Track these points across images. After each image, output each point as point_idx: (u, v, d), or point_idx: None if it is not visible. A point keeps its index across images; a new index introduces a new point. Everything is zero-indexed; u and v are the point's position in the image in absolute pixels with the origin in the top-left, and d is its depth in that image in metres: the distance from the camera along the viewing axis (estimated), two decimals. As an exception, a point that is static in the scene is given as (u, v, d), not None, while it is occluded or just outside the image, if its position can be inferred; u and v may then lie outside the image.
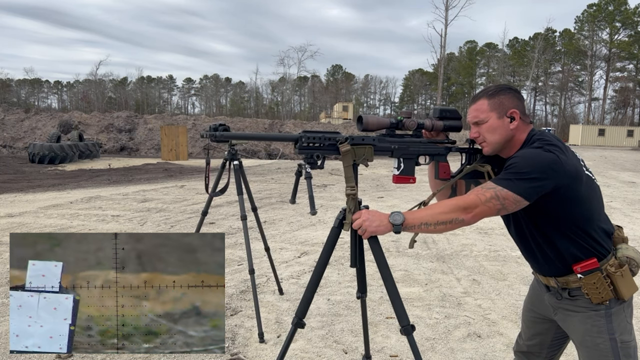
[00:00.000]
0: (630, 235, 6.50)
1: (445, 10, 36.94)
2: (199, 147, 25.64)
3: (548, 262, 1.74)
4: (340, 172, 13.40)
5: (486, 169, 1.81)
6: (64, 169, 16.61)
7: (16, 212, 7.90)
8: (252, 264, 3.32)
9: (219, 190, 3.48)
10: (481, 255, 5.55)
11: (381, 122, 1.79)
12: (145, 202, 9.09)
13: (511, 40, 73.67)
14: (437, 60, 42.81)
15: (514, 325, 3.55)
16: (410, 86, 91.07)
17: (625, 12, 61.63)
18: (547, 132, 1.76)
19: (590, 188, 1.68)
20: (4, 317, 3.61)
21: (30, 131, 26.46)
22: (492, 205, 1.58)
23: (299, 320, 1.82)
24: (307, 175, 1.69)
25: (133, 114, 30.96)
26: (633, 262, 1.67)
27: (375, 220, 1.64)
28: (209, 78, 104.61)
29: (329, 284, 4.44)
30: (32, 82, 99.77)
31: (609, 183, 13.10)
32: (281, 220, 7.48)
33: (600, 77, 67.96)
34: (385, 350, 3.16)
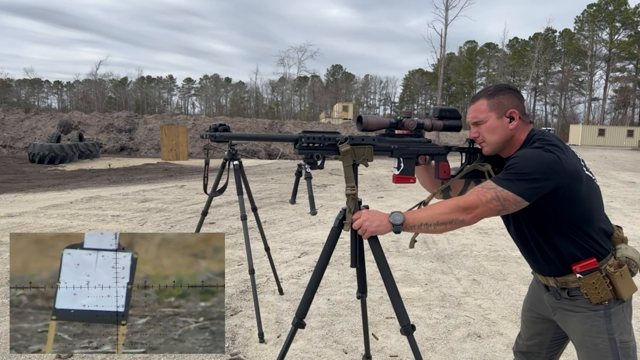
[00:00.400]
0: (630, 235, 6.50)
1: (445, 10, 36.89)
2: (199, 147, 25.64)
3: (547, 262, 1.75)
4: (340, 172, 13.39)
5: (486, 168, 1.81)
6: (64, 169, 16.61)
7: (16, 212, 7.90)
8: (252, 264, 3.32)
9: (218, 190, 3.48)
10: (481, 255, 5.55)
11: (381, 122, 1.79)
12: (145, 202, 9.09)
13: (511, 40, 73.69)
14: (437, 60, 42.80)
15: (514, 325, 3.55)
16: (410, 86, 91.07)
17: (625, 12, 61.63)
18: (547, 132, 1.76)
19: (591, 188, 1.68)
20: (4, 317, 3.61)
21: (30, 131, 26.46)
22: (492, 206, 1.58)
23: (299, 320, 1.82)
24: (307, 176, 1.69)
25: (133, 114, 30.96)
26: (632, 262, 1.67)
27: (376, 220, 1.64)
28: (209, 78, 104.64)
29: (329, 284, 4.44)
30: (32, 82, 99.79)
31: (609, 183, 13.10)
32: (281, 220, 7.48)
33: (600, 77, 68.06)
34: (385, 350, 3.16)
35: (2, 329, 3.40)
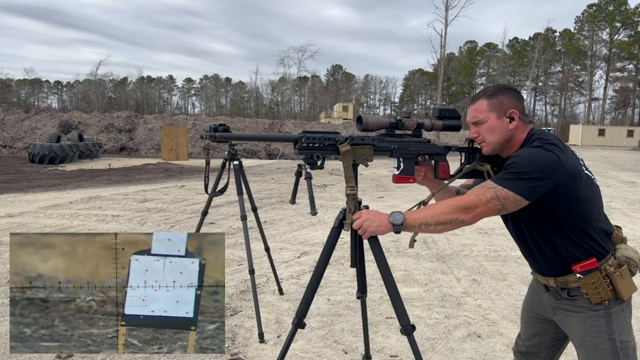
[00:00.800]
0: (630, 235, 6.50)
1: (445, 10, 36.88)
2: (199, 147, 25.64)
3: (547, 262, 1.75)
4: (340, 172, 13.39)
5: (485, 168, 1.82)
6: (64, 169, 16.61)
7: (16, 212, 7.90)
8: (252, 264, 3.32)
9: (218, 190, 3.48)
10: (481, 255, 5.55)
11: (381, 122, 1.79)
12: (145, 202, 9.09)
13: (511, 40, 73.68)
14: (437, 60, 42.79)
15: (514, 325, 3.55)
16: (410, 86, 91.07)
17: (625, 12, 61.62)
18: (546, 131, 1.76)
19: (590, 188, 1.68)
20: (4, 317, 3.61)
21: (30, 131, 26.46)
22: (492, 205, 1.58)
23: (299, 321, 1.82)
24: (307, 176, 1.69)
25: (133, 114, 30.96)
26: (632, 262, 1.67)
27: (376, 220, 1.64)
28: (209, 78, 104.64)
29: (329, 284, 4.44)
30: (32, 82, 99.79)
31: (609, 183, 13.10)
32: (281, 220, 7.48)
33: (600, 77, 68.05)
34: (385, 350, 3.16)
35: (2, 329, 3.40)
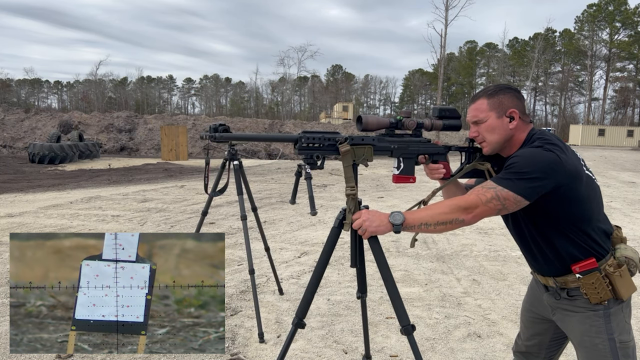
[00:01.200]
0: (630, 235, 6.50)
1: (445, 10, 36.89)
2: (199, 147, 25.64)
3: (547, 262, 1.75)
4: (340, 172, 13.39)
5: (486, 167, 1.82)
6: (64, 169, 16.61)
7: (16, 212, 7.90)
8: (252, 264, 3.32)
9: (218, 190, 3.48)
10: (481, 255, 5.55)
11: (381, 122, 1.79)
12: (145, 202, 9.09)
13: (511, 40, 73.68)
14: (437, 60, 42.79)
15: (514, 325, 3.56)
16: (410, 86, 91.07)
17: (625, 12, 61.62)
18: (547, 131, 1.76)
19: (590, 188, 1.68)
20: (4, 317, 3.61)
21: (30, 131, 26.46)
22: (492, 205, 1.58)
23: (299, 321, 1.82)
24: (307, 176, 1.69)
25: (133, 114, 30.96)
26: (631, 262, 1.67)
27: (375, 220, 1.64)
28: (209, 78, 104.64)
29: (329, 284, 4.44)
30: (32, 82, 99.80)
31: (609, 183, 13.10)
32: (281, 220, 7.48)
33: (600, 77, 68.05)
34: (385, 350, 3.16)
35: (2, 329, 3.40)
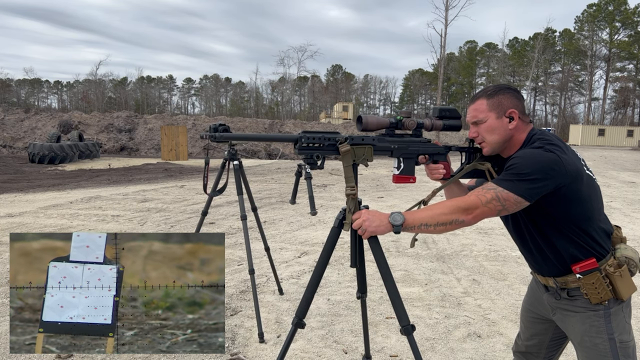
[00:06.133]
0: (630, 235, 6.50)
1: (445, 11, 36.89)
2: (199, 147, 25.64)
3: (547, 262, 1.75)
4: (340, 172, 13.39)
5: (486, 167, 1.81)
6: (64, 169, 16.60)
7: (16, 212, 7.90)
8: (252, 264, 3.32)
9: (218, 190, 3.48)
10: (481, 255, 5.55)
11: (381, 122, 1.79)
12: (145, 202, 9.09)
13: (511, 40, 73.67)
14: (437, 60, 42.81)
15: (514, 325, 3.55)
16: (410, 86, 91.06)
17: (625, 12, 61.61)
18: (547, 131, 1.76)
19: (591, 187, 1.68)
20: (4, 317, 3.61)
21: (30, 131, 26.45)
22: (492, 206, 1.58)
23: (299, 320, 1.82)
24: (307, 176, 1.69)
25: (133, 114, 30.95)
26: (632, 262, 1.67)
27: (375, 220, 1.64)
28: (209, 78, 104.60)
29: (329, 284, 4.44)
30: (32, 82, 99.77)
31: (609, 183, 13.10)
32: (281, 220, 7.48)
33: (600, 77, 68.06)
34: (385, 350, 3.16)
35: (2, 329, 3.40)
